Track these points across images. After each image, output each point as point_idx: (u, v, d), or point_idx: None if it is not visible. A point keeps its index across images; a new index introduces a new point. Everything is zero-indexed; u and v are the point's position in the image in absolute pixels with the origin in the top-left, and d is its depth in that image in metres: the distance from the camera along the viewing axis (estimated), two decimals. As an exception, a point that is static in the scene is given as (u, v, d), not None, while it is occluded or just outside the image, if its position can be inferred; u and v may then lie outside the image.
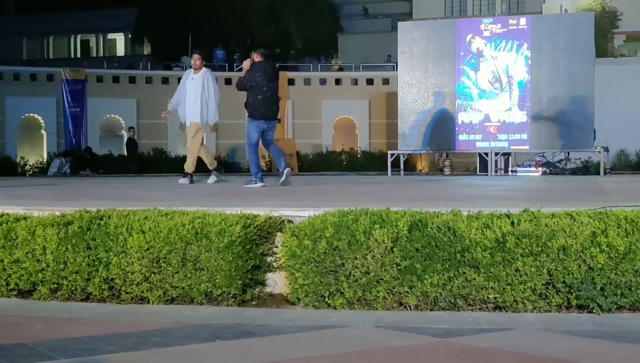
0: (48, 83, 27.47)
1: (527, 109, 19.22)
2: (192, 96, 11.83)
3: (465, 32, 19.80)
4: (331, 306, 4.68)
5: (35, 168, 24.83)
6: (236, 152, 27.49)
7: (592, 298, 4.40)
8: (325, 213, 5.06)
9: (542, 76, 19.13)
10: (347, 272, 4.65)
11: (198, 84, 11.83)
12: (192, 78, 11.96)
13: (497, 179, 15.43)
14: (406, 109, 19.95)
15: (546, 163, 19.75)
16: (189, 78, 11.98)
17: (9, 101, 26.53)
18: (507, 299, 4.49)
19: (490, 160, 19.06)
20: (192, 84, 11.90)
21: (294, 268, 4.77)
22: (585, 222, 4.63)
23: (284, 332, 4.15)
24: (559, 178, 16.77)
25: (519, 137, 19.34)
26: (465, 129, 19.72)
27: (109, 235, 5.05)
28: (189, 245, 4.88)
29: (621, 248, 4.40)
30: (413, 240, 4.61)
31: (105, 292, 5.00)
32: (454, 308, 4.55)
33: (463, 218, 4.84)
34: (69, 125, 26.56)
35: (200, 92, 11.76)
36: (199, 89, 11.77)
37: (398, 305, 4.63)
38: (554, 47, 19.01)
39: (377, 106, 28.06)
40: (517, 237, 4.52)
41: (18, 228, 5.27)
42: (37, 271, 5.11)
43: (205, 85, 11.85)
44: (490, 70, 19.53)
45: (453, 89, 19.69)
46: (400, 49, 20.20)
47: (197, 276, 4.84)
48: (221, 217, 5.09)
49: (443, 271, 4.54)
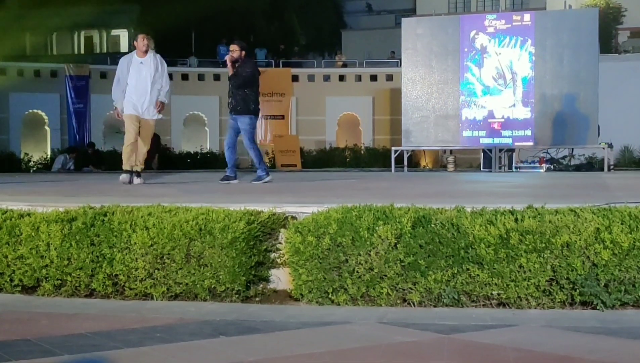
0: (52, 79, 27.50)
1: (531, 105, 19.21)
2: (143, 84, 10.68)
3: (469, 28, 19.78)
4: (335, 302, 4.68)
5: (39, 164, 24.87)
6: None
7: (595, 294, 4.39)
8: (329, 209, 5.06)
9: (546, 72, 19.12)
10: (351, 268, 4.65)
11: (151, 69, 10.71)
12: (140, 62, 10.77)
13: (500, 176, 15.41)
14: (410, 105, 19.95)
15: (550, 159, 19.74)
16: (135, 63, 10.75)
17: (12, 97, 26.56)
18: (510, 295, 4.48)
19: (494, 156, 19.06)
20: (141, 69, 10.71)
21: (297, 265, 4.77)
22: (589, 218, 4.63)
23: (287, 328, 4.15)
24: (563, 174, 16.75)
25: (522, 133, 19.33)
26: (469, 126, 19.71)
27: (112, 231, 5.05)
28: (192, 241, 4.88)
29: (625, 244, 4.39)
30: (417, 236, 4.61)
31: (109, 288, 5.00)
32: (458, 305, 4.55)
33: (467, 214, 4.84)
34: (73, 121, 26.61)
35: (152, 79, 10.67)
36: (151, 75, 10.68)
37: (402, 302, 4.63)
38: (558, 44, 19.00)
39: (381, 102, 28.05)
40: (521, 233, 4.51)
41: (22, 224, 5.27)
42: (41, 267, 5.11)
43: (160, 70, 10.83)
44: (494, 66, 19.52)
45: (457, 85, 19.68)
46: (404, 45, 20.19)
47: (200, 272, 4.85)
48: (225, 213, 5.09)
49: (447, 268, 4.54)
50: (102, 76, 28.17)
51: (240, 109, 10.61)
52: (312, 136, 27.86)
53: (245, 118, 10.60)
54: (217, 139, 28.41)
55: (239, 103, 10.59)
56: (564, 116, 18.86)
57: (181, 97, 26.16)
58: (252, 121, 10.72)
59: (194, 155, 26.22)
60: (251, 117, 10.68)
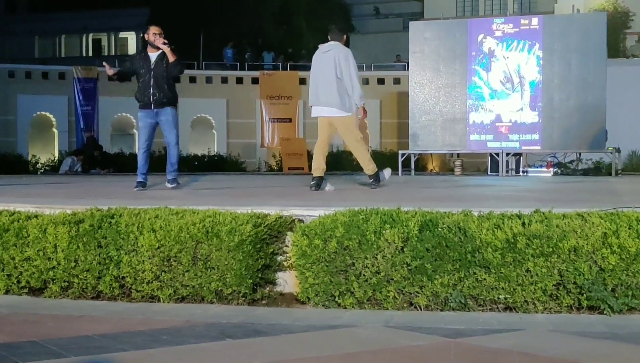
0: (60, 81, 27.55)
1: (539, 109, 19.15)
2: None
3: (477, 32, 19.74)
4: (341, 305, 4.68)
5: (47, 166, 24.91)
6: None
7: (603, 299, 4.38)
8: (336, 213, 5.06)
9: (553, 76, 19.06)
10: (358, 272, 4.65)
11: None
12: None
13: (508, 180, 15.39)
14: (417, 109, 19.91)
15: (557, 163, 19.67)
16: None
17: (20, 99, 26.62)
18: (517, 300, 4.48)
19: (501, 160, 19.00)
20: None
21: (304, 268, 4.77)
22: (596, 223, 4.62)
23: (294, 331, 4.15)
24: (570, 178, 16.71)
25: (530, 137, 19.27)
26: (477, 129, 19.67)
27: (119, 234, 5.06)
28: (199, 243, 4.89)
29: (632, 249, 4.38)
30: (423, 240, 4.61)
31: (115, 290, 5.01)
32: (465, 309, 4.54)
33: (474, 218, 4.83)
34: (81, 123, 26.65)
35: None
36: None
37: (408, 305, 4.62)
38: (565, 48, 18.94)
39: (388, 106, 28.02)
40: (528, 238, 4.51)
41: (29, 226, 5.29)
42: (48, 269, 5.12)
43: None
44: (501, 70, 19.47)
45: (464, 89, 19.64)
46: (412, 49, 20.15)
47: (207, 275, 4.85)
48: (232, 216, 5.10)
49: (453, 272, 4.54)
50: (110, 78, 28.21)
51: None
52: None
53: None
54: (225, 141, 28.42)
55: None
56: (572, 120, 18.80)
57: (188, 100, 26.17)
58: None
59: (201, 158, 26.23)
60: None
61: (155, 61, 9.56)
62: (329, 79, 9.07)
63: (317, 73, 9.21)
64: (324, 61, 9.15)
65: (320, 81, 9.14)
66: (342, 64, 9.04)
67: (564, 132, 18.91)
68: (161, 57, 9.56)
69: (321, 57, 9.24)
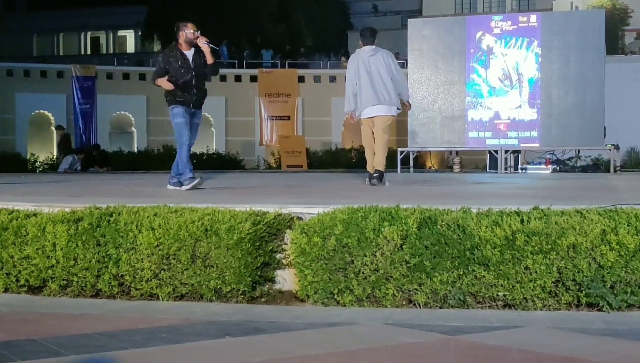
0: (58, 80, 27.56)
1: (537, 106, 19.17)
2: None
3: (476, 30, 19.75)
4: (340, 303, 4.68)
5: (45, 164, 24.91)
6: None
7: (602, 296, 4.38)
8: (335, 210, 5.06)
9: (552, 74, 19.07)
10: (357, 269, 4.65)
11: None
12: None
13: (506, 177, 15.39)
14: (416, 106, 19.83)
15: (556, 160, 19.68)
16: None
17: (19, 98, 26.64)
18: (516, 297, 4.48)
19: (500, 157, 19.01)
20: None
21: (303, 265, 4.77)
22: (595, 220, 4.62)
23: (293, 329, 4.15)
24: (569, 175, 16.71)
25: (528, 134, 19.29)
26: (475, 127, 19.68)
27: (118, 232, 5.06)
28: (198, 241, 4.89)
29: (631, 246, 4.38)
30: (422, 238, 4.61)
31: (115, 289, 5.01)
32: (463, 306, 4.54)
33: (473, 215, 4.83)
34: (79, 122, 26.67)
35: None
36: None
37: (407, 303, 4.63)
38: (564, 45, 18.95)
39: (387, 103, 27.98)
40: (527, 235, 4.51)
41: (28, 224, 5.29)
42: (47, 267, 5.12)
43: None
44: (500, 67, 19.48)
45: (463, 86, 19.65)
46: (410, 47, 20.15)
47: (206, 273, 4.85)
48: (230, 214, 5.09)
49: (452, 269, 4.54)
50: (108, 76, 28.22)
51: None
52: (318, 137, 27.85)
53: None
54: (223, 139, 28.43)
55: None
56: (570, 117, 18.81)
57: (187, 98, 26.16)
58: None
59: (200, 156, 26.23)
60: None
61: (193, 60, 9.10)
62: (386, 80, 9.68)
63: (369, 75, 9.73)
64: (374, 62, 9.77)
65: (377, 81, 9.68)
66: (392, 65, 9.76)
67: (562, 129, 18.93)
68: (198, 56, 9.10)
69: (369, 60, 9.81)
